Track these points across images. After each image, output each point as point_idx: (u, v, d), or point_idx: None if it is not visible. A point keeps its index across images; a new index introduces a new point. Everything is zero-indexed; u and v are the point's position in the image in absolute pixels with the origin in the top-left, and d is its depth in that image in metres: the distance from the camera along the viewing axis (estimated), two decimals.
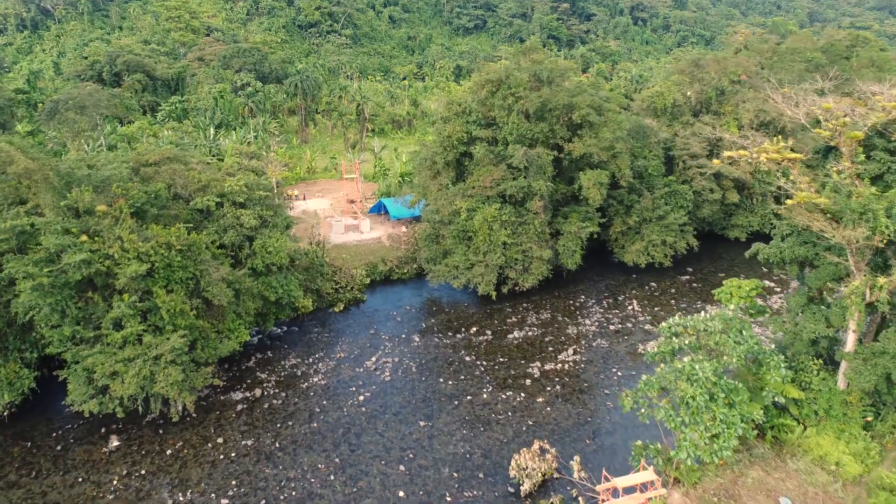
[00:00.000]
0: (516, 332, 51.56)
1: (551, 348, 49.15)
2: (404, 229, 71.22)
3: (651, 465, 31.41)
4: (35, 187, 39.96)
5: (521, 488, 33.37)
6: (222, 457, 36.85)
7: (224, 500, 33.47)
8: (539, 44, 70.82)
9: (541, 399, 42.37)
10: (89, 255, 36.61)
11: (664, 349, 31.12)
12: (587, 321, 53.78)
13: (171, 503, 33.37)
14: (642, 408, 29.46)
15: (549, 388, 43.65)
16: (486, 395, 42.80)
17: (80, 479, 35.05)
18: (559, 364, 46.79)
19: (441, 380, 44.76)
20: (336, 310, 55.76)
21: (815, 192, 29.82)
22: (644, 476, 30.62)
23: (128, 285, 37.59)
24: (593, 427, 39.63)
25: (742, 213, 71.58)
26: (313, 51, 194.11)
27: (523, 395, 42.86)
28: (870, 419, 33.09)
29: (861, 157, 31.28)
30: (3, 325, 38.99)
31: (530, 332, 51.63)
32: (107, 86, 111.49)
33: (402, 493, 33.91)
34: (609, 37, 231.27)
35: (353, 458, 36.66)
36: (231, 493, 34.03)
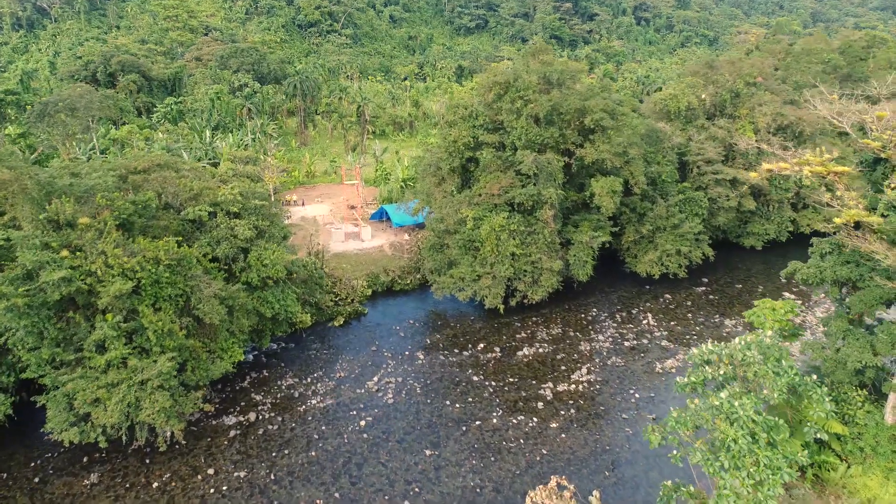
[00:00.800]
0: (526, 349, 48.81)
1: (564, 367, 46.39)
2: (407, 237, 68.48)
3: None
4: (12, 198, 37.23)
5: None
6: (213, 490, 34.08)
7: None
8: (546, 45, 68.03)
9: (554, 424, 39.62)
10: (70, 273, 33.89)
11: (695, 380, 28.29)
12: (600, 336, 51.02)
13: None
14: (674, 447, 26.67)
15: (562, 412, 40.90)
16: (495, 420, 40.05)
17: None
18: (572, 385, 44.04)
19: (447, 402, 42.02)
20: (336, 324, 52.98)
21: (864, 209, 27.05)
22: None
23: (112, 304, 34.88)
24: (612, 456, 36.87)
25: (758, 221, 68.82)
26: (313, 51, 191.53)
27: (536, 419, 40.11)
28: None
29: None
30: None
31: (541, 349, 48.87)
32: (101, 86, 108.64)
33: None
34: (612, 37, 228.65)
35: (355, 493, 33.88)
36: None
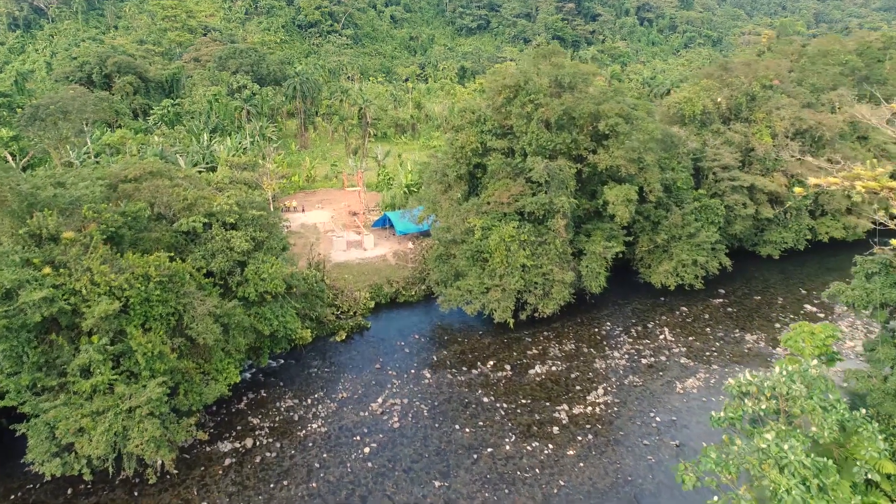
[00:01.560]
0: (538, 367, 46.32)
1: (578, 387, 43.91)
2: (411, 245, 65.99)
3: None
4: None
5: None
6: None
7: None
8: (558, 46, 65.60)
9: (571, 452, 37.12)
10: (52, 292, 31.40)
11: (733, 414, 25.85)
12: (616, 353, 48.53)
13: None
14: (711, 490, 24.18)
15: (579, 438, 38.40)
16: (508, 447, 37.55)
17: None
18: (589, 407, 41.55)
19: (457, 426, 39.52)
20: (338, 339, 50.48)
21: None
22: None
23: (97, 325, 32.41)
24: (634, 489, 34.38)
25: (775, 229, 66.23)
26: (313, 51, 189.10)
27: (551, 446, 37.61)
28: None
29: None
30: None
31: (554, 367, 46.38)
32: (97, 88, 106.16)
33: None
34: (615, 37, 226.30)
35: None
36: None
